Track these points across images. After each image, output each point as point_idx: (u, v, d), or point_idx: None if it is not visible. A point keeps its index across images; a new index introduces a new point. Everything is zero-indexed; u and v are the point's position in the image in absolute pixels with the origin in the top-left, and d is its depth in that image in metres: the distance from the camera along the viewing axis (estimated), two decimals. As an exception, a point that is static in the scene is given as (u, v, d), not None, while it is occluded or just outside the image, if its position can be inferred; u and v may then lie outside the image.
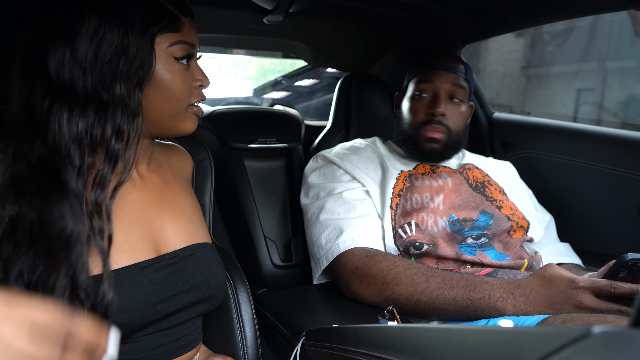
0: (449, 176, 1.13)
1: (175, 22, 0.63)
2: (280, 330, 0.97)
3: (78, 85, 0.57)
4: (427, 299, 0.87)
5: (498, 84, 6.51)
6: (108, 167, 0.59)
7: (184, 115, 0.68)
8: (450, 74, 1.15)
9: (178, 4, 0.65)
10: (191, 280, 0.66)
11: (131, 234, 0.63)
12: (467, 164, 1.19)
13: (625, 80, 5.30)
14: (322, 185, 1.12)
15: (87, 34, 0.57)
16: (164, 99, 0.65)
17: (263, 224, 1.31)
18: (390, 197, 1.07)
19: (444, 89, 1.14)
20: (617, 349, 0.24)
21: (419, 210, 1.04)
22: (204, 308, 0.70)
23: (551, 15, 1.22)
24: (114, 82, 0.58)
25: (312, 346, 0.65)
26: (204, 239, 0.73)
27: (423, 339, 0.40)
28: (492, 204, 1.10)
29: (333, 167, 1.15)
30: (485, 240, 1.03)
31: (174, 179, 0.76)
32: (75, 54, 0.57)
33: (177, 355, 0.66)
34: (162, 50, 0.63)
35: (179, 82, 0.65)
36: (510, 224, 1.07)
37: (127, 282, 0.60)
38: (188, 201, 0.75)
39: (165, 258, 0.65)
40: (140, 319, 0.60)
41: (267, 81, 2.68)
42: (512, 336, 0.31)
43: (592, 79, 5.68)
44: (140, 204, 0.66)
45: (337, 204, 1.06)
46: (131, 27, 0.59)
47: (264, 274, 1.27)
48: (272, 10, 1.18)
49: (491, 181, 1.17)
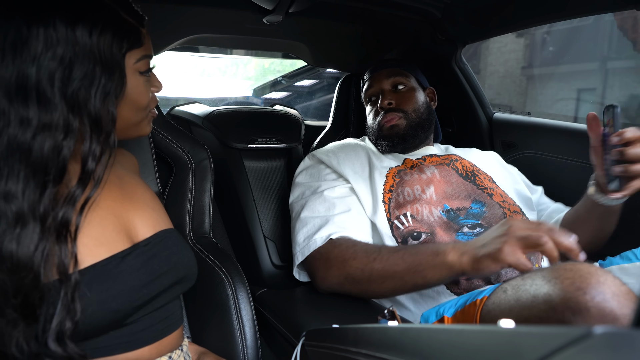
0: (436, 168, 1.15)
1: (138, 37, 0.65)
2: (280, 330, 0.97)
3: (50, 102, 0.57)
4: (379, 265, 0.90)
5: (498, 84, 6.52)
6: (80, 186, 0.60)
7: (145, 120, 0.73)
8: (383, 71, 1.28)
9: (134, 15, 0.66)
10: (167, 262, 0.71)
11: (104, 228, 0.66)
12: (452, 154, 1.22)
13: (626, 80, 5.31)
14: (307, 184, 1.15)
15: (56, 57, 0.56)
16: (132, 111, 0.68)
17: (263, 224, 1.31)
18: (381, 193, 1.09)
19: (384, 83, 1.26)
20: (618, 350, 0.24)
21: (412, 202, 1.06)
22: (182, 288, 0.75)
23: (551, 15, 1.22)
24: (87, 103, 0.59)
25: (312, 346, 0.65)
26: (168, 225, 0.78)
27: (423, 339, 0.40)
28: (484, 192, 1.11)
29: (320, 166, 1.19)
30: (481, 230, 1.03)
31: (128, 177, 0.79)
32: (47, 74, 0.56)
33: (165, 334, 0.71)
34: (129, 67, 0.65)
35: (144, 93, 0.69)
36: (503, 211, 1.08)
37: (112, 272, 0.63)
38: (146, 192, 0.79)
39: (140, 246, 0.69)
40: (130, 304, 0.63)
41: (267, 81, 2.68)
42: (512, 336, 0.30)
43: (593, 79, 5.68)
44: (106, 201, 0.69)
45: (318, 202, 1.08)
46: (102, 48, 0.59)
47: (263, 274, 1.27)
48: (272, 10, 1.18)
49: (480, 170, 1.19)
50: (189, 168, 1.04)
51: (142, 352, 0.67)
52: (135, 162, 0.91)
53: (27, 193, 0.56)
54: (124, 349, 0.65)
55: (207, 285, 0.91)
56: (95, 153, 0.61)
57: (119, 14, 0.63)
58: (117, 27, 0.62)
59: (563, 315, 0.58)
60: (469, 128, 1.55)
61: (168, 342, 0.71)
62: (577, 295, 0.57)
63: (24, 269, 0.55)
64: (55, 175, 0.58)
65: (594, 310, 0.56)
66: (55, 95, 0.57)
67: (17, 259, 0.55)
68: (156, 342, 0.69)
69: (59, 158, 0.58)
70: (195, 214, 1.03)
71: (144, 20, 0.69)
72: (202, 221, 1.04)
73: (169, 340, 0.71)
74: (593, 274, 0.59)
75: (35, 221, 0.56)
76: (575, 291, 0.58)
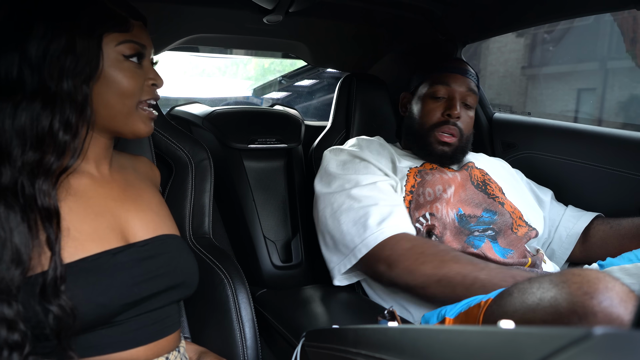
0: (456, 171, 1.15)
1: (122, 23, 0.68)
2: (280, 331, 0.97)
3: (27, 82, 0.61)
4: (486, 276, 0.87)
5: (499, 84, 6.51)
6: (54, 157, 0.62)
7: (136, 115, 0.72)
8: (466, 79, 1.17)
9: (127, 8, 0.70)
10: (164, 265, 0.71)
11: (98, 224, 0.67)
12: (469, 162, 1.20)
13: (626, 80, 5.31)
14: (347, 177, 1.08)
15: (36, 37, 0.62)
16: (114, 95, 0.68)
17: (263, 224, 1.31)
18: (402, 196, 1.07)
19: (459, 92, 1.15)
20: (618, 351, 0.24)
21: (432, 201, 1.05)
22: (180, 294, 0.74)
23: (551, 15, 1.22)
24: (61, 78, 0.62)
25: (312, 347, 0.65)
26: (172, 231, 0.78)
27: (423, 340, 0.40)
28: (495, 201, 1.11)
29: (355, 159, 1.13)
30: (492, 233, 1.04)
31: (138, 181, 0.80)
32: (25, 55, 0.61)
33: (161, 337, 0.70)
34: (111, 49, 0.67)
35: (128, 78, 0.69)
36: (512, 220, 1.08)
37: (102, 266, 0.63)
38: (154, 198, 0.79)
39: (137, 245, 0.69)
40: (119, 300, 0.64)
41: (267, 81, 2.68)
42: (512, 337, 0.30)
43: (593, 79, 5.68)
44: (105, 199, 0.70)
45: (374, 192, 1.03)
46: (77, 28, 0.63)
47: (263, 274, 1.27)
48: (272, 10, 1.18)
49: (491, 179, 1.18)
50: (189, 168, 1.04)
51: (137, 352, 0.67)
52: (158, 175, 0.92)
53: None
54: (116, 348, 0.65)
55: (207, 285, 0.91)
56: (70, 122, 0.63)
57: (104, 3, 0.67)
58: (96, 11, 0.66)
59: (569, 320, 0.58)
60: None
61: (164, 343, 0.71)
62: (584, 300, 0.57)
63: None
64: (33, 142, 0.61)
65: (600, 315, 0.56)
66: (35, 69, 0.61)
67: None
68: (151, 343, 0.68)
69: (37, 128, 0.61)
70: (195, 214, 1.03)
71: (137, 13, 0.71)
72: (202, 221, 1.04)
73: (165, 342, 0.71)
74: (601, 279, 0.58)
75: (15, 197, 0.59)
76: (583, 295, 0.57)
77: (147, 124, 0.74)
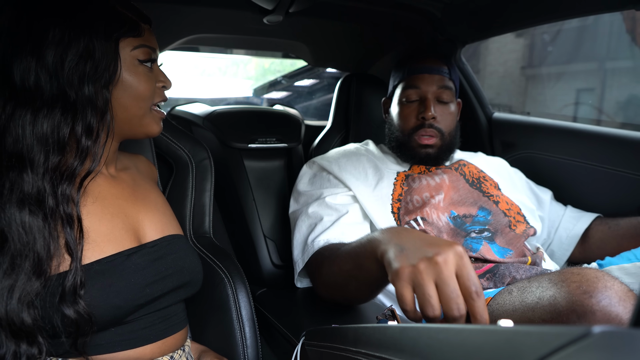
0: (444, 173, 1.13)
1: (135, 28, 0.69)
2: (280, 330, 0.97)
3: (45, 89, 0.61)
4: (336, 267, 0.83)
5: (498, 84, 6.51)
6: (77, 162, 0.63)
7: (150, 116, 0.74)
8: (435, 76, 1.14)
9: (137, 13, 0.71)
10: (172, 265, 0.72)
11: (114, 225, 0.68)
12: (460, 160, 1.20)
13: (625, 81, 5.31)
14: (309, 193, 1.11)
15: (52, 43, 0.61)
16: (131, 99, 0.70)
17: (263, 223, 1.31)
18: (390, 204, 1.07)
19: (431, 92, 1.13)
20: (617, 349, 0.24)
21: (421, 207, 1.05)
22: (186, 292, 0.76)
23: (551, 15, 1.22)
24: (82, 84, 0.63)
25: (312, 346, 0.65)
26: (177, 231, 0.79)
27: (423, 339, 0.40)
28: (490, 200, 1.11)
29: (322, 173, 1.14)
30: (489, 234, 1.04)
31: (142, 179, 0.81)
32: (42, 61, 0.61)
33: (168, 334, 0.72)
34: (127, 54, 0.68)
35: (143, 82, 0.70)
36: (508, 219, 1.08)
37: (117, 268, 0.64)
38: (159, 198, 0.81)
39: (147, 246, 0.71)
40: (132, 301, 0.65)
41: (267, 81, 2.68)
42: (511, 336, 0.31)
43: (592, 79, 5.68)
44: (118, 199, 0.71)
45: (320, 209, 1.05)
46: (95, 33, 0.64)
47: (263, 273, 1.27)
48: (272, 10, 1.18)
49: (486, 177, 1.18)
50: (190, 168, 1.04)
51: (144, 350, 0.67)
52: (155, 171, 0.94)
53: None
54: (126, 346, 0.66)
55: (208, 284, 0.91)
56: (91, 127, 0.64)
57: (116, 8, 0.68)
58: (110, 16, 0.66)
59: (568, 318, 0.58)
60: (468, 128, 1.55)
61: (171, 342, 0.72)
62: (583, 299, 0.57)
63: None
64: (55, 149, 0.61)
65: (599, 314, 0.56)
66: (53, 75, 0.61)
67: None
68: (159, 342, 0.69)
69: (58, 135, 0.61)
70: (196, 213, 1.03)
71: (145, 17, 0.72)
72: (202, 221, 1.04)
73: (171, 340, 0.72)
74: (600, 279, 0.58)
75: (39, 202, 0.59)
76: (582, 294, 0.58)
77: (159, 124, 0.76)
